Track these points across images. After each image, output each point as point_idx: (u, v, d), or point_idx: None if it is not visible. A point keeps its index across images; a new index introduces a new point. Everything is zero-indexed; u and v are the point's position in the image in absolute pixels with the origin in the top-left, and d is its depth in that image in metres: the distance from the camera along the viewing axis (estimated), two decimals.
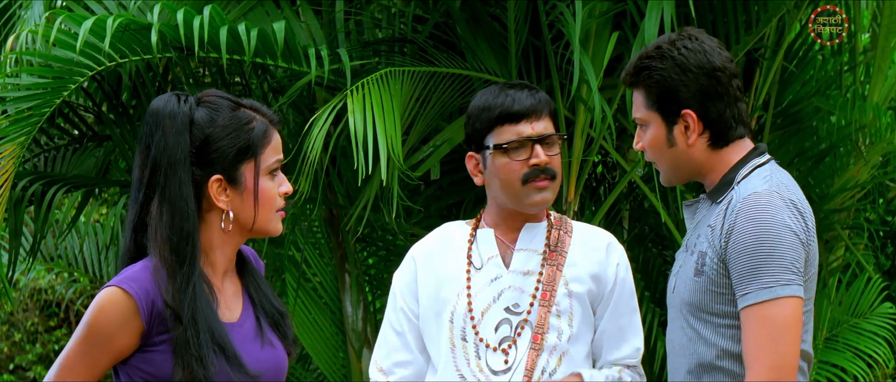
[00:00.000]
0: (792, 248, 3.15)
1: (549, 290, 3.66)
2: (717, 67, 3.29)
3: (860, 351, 7.01)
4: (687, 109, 3.28)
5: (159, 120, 2.93)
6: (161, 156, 2.91)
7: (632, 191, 6.97)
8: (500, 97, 3.67)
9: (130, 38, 5.55)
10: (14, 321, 11.01)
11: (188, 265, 2.88)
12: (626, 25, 5.89)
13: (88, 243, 7.86)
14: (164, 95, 2.96)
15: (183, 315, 2.85)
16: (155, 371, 2.88)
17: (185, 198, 2.90)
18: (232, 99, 2.99)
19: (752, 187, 3.23)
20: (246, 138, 2.96)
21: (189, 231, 2.89)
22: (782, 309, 3.14)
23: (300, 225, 6.95)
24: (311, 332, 7.02)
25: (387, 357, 3.76)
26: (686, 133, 3.29)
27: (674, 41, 3.32)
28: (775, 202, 3.18)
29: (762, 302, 3.14)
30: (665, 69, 3.29)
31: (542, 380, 3.61)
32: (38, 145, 6.75)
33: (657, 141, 3.34)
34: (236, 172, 2.95)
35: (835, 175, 6.91)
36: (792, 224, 3.17)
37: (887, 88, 7.12)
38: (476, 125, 3.69)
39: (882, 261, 8.00)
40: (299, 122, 6.57)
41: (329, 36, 6.10)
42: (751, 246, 3.16)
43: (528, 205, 3.67)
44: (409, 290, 3.76)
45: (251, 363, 2.94)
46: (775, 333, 3.14)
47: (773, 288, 3.14)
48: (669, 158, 3.34)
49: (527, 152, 3.64)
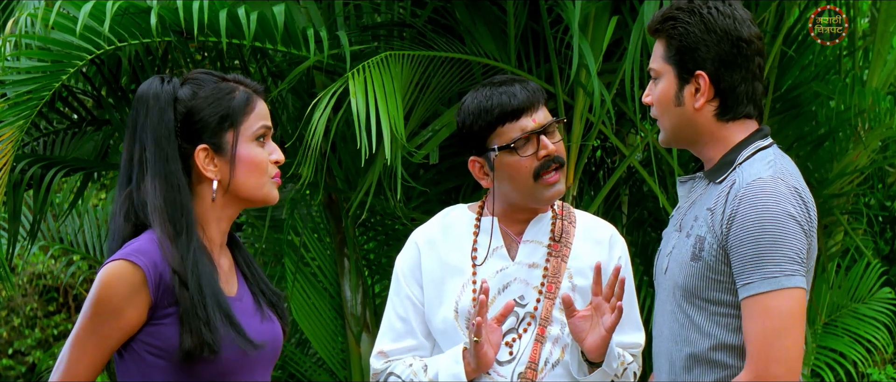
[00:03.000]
0: (796, 237, 3.08)
1: (555, 282, 3.65)
2: (743, 37, 3.21)
3: (859, 336, 7.02)
4: (701, 71, 3.20)
5: (144, 101, 2.98)
6: (146, 135, 2.95)
7: (631, 175, 6.98)
8: (495, 97, 3.61)
9: (130, 22, 5.55)
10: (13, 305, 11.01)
11: (186, 234, 2.90)
12: (625, 10, 5.88)
13: (88, 226, 7.86)
14: (148, 80, 3.01)
15: (189, 281, 2.87)
16: (162, 343, 2.89)
17: (174, 171, 2.94)
18: (217, 74, 3.04)
19: (755, 172, 3.16)
20: (227, 106, 2.98)
21: (182, 202, 2.93)
22: (786, 301, 3.07)
23: (299, 210, 6.95)
24: (311, 317, 7.02)
25: (392, 343, 3.74)
26: (695, 96, 3.21)
27: (708, 0, 3.26)
28: (779, 190, 3.11)
29: (766, 293, 3.07)
30: (691, 24, 3.21)
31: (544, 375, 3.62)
32: (38, 129, 6.75)
33: (666, 96, 3.26)
34: (221, 139, 2.98)
35: (834, 160, 6.92)
36: (795, 213, 3.10)
37: (886, 73, 7.12)
38: (474, 129, 3.64)
39: (881, 246, 8.00)
40: (299, 106, 6.57)
41: (328, 20, 6.09)
42: (754, 234, 3.08)
43: (544, 201, 3.66)
44: (413, 276, 3.74)
45: (253, 334, 2.96)
46: (780, 325, 3.06)
47: (777, 278, 3.06)
48: (674, 116, 3.26)
49: (533, 145, 3.61)
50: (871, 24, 7.38)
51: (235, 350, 2.92)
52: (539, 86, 3.69)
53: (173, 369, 2.90)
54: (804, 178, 3.27)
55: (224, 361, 2.91)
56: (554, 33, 5.90)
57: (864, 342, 7.00)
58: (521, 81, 3.67)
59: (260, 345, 2.96)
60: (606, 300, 3.52)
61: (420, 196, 6.54)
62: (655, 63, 3.29)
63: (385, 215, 6.92)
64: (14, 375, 10.82)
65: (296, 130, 5.49)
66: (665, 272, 3.31)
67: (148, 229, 2.93)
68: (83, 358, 2.90)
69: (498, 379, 3.61)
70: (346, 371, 7.01)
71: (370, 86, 5.33)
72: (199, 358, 2.87)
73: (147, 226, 2.93)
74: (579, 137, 5.97)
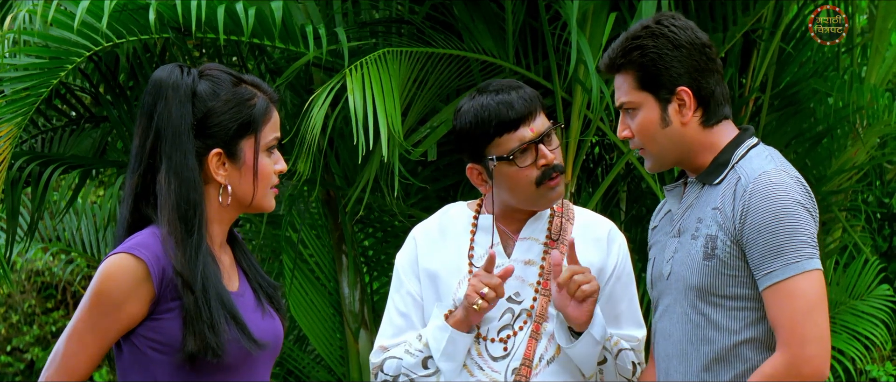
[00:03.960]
0: (807, 223, 3.17)
1: (550, 279, 3.65)
2: (705, 43, 3.30)
3: (857, 333, 7.01)
4: (682, 87, 3.26)
5: (163, 90, 2.93)
6: (165, 125, 2.91)
7: (629, 172, 6.97)
8: (491, 107, 3.58)
9: (128, 18, 5.55)
10: (11, 302, 11.01)
11: (197, 234, 2.89)
12: (623, 6, 5.88)
13: (86, 223, 7.86)
14: (167, 66, 2.97)
15: (194, 284, 2.86)
16: (163, 338, 2.88)
17: (191, 168, 2.91)
18: (234, 74, 3.00)
19: (758, 166, 3.23)
20: (248, 114, 2.97)
21: (196, 201, 2.91)
22: (811, 283, 3.15)
23: (298, 206, 6.95)
24: (308, 313, 7.02)
25: (392, 337, 3.74)
26: (681, 111, 3.28)
27: (659, 21, 3.31)
28: (786, 180, 3.19)
29: (789, 278, 3.14)
30: (658, 46, 3.26)
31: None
32: (35, 126, 6.74)
33: (650, 123, 3.30)
34: (236, 147, 2.96)
35: (832, 157, 6.92)
36: (803, 200, 3.18)
37: (885, 70, 7.12)
38: (471, 138, 3.62)
39: (879, 243, 8.00)
40: (296, 103, 6.57)
41: (326, 16, 6.09)
42: (770, 225, 3.15)
43: (544, 205, 3.66)
44: (412, 271, 3.75)
45: (256, 331, 2.96)
46: (808, 305, 3.14)
47: (799, 263, 3.14)
48: (663, 139, 3.30)
49: (531, 155, 3.59)
50: (869, 21, 7.38)
51: (239, 349, 2.91)
52: (536, 92, 3.66)
53: (175, 366, 2.89)
54: (802, 175, 3.34)
55: (227, 360, 2.90)
56: (552, 30, 5.90)
57: (862, 338, 6.99)
58: (516, 88, 3.63)
59: (264, 345, 2.96)
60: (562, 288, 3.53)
61: (418, 193, 6.53)
62: (628, 96, 3.33)
63: (383, 212, 6.91)
64: (12, 372, 10.83)
65: (293, 127, 5.48)
66: (668, 277, 3.35)
67: (152, 224, 2.92)
68: (81, 352, 2.89)
69: (492, 375, 3.61)
70: (343, 367, 7.01)
71: (368, 82, 5.33)
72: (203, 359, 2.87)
73: (151, 219, 2.93)
74: (577, 134, 5.97)
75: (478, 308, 3.54)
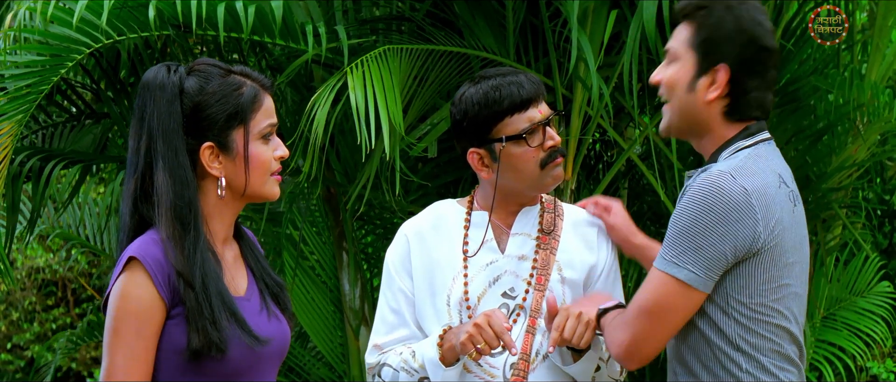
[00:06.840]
0: (708, 233, 3.12)
1: (544, 274, 3.68)
2: (767, 47, 3.25)
3: (858, 330, 7.02)
4: (722, 65, 3.23)
5: (150, 91, 2.95)
6: (155, 126, 2.92)
7: (630, 169, 6.97)
8: (503, 88, 3.63)
9: (128, 15, 5.55)
10: (12, 300, 11.01)
11: (193, 231, 2.89)
12: (624, 4, 5.88)
13: (87, 218, 7.86)
14: (154, 67, 2.98)
15: (194, 282, 2.86)
16: (170, 344, 2.89)
17: (183, 166, 2.92)
18: (222, 66, 3.00)
19: (714, 168, 3.20)
20: (235, 104, 2.97)
21: (190, 198, 2.91)
22: (663, 286, 3.17)
23: (298, 204, 6.95)
24: (309, 310, 7.02)
25: (385, 335, 3.76)
26: (709, 88, 3.25)
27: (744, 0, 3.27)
28: (720, 186, 3.13)
29: (659, 270, 3.18)
30: (723, 19, 3.23)
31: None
32: (37, 123, 6.75)
33: (679, 79, 3.28)
34: (227, 138, 2.96)
35: (833, 154, 6.91)
36: (724, 211, 3.12)
37: (885, 67, 7.12)
38: (479, 119, 3.65)
39: (880, 240, 8.00)
40: (297, 100, 6.57)
41: (326, 14, 6.09)
42: (675, 216, 3.17)
43: (546, 188, 3.70)
44: (404, 268, 3.77)
45: (259, 332, 2.96)
46: (648, 303, 3.19)
47: (667, 261, 3.16)
48: (682, 102, 3.29)
49: (540, 136, 3.64)
50: (869, 19, 7.37)
51: (244, 349, 2.91)
52: (539, 79, 3.71)
53: (182, 368, 2.90)
54: (803, 172, 3.30)
55: (232, 360, 2.90)
56: (553, 27, 5.89)
57: (862, 335, 6.99)
58: (523, 73, 3.70)
59: (265, 341, 2.95)
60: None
61: (418, 190, 6.53)
62: (677, 45, 3.30)
63: (383, 209, 6.91)
64: (13, 369, 10.83)
65: (294, 124, 5.49)
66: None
67: (151, 228, 2.92)
68: (136, 366, 2.88)
69: (490, 370, 3.63)
70: (344, 364, 7.02)
71: (369, 80, 5.33)
72: (208, 357, 2.87)
73: (151, 221, 2.93)
74: (578, 131, 5.97)
75: (470, 358, 3.55)
